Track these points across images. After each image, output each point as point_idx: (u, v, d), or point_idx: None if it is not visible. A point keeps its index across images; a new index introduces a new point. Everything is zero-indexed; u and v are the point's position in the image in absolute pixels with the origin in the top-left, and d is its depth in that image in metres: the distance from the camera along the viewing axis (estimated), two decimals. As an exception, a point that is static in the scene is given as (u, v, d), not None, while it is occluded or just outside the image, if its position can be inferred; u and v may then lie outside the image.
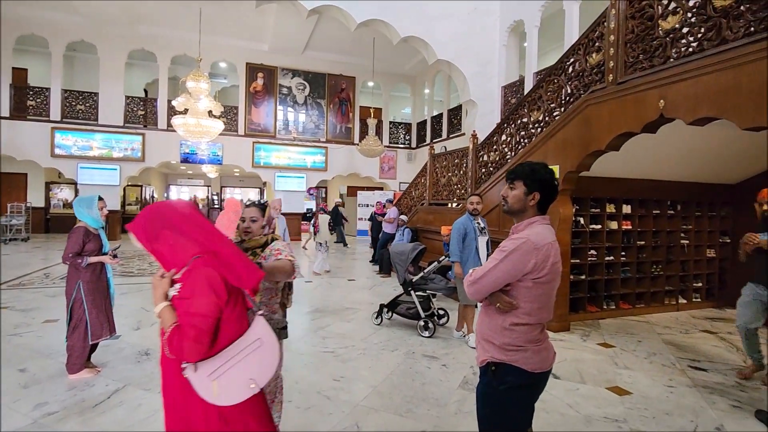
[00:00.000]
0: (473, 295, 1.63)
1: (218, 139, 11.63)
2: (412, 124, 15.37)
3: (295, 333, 4.40)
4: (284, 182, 13.47)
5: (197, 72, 8.91)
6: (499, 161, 5.89)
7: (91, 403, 2.83)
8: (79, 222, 3.23)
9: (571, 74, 4.72)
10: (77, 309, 3.15)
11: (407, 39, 8.62)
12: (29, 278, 6.68)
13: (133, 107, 12.18)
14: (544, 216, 1.64)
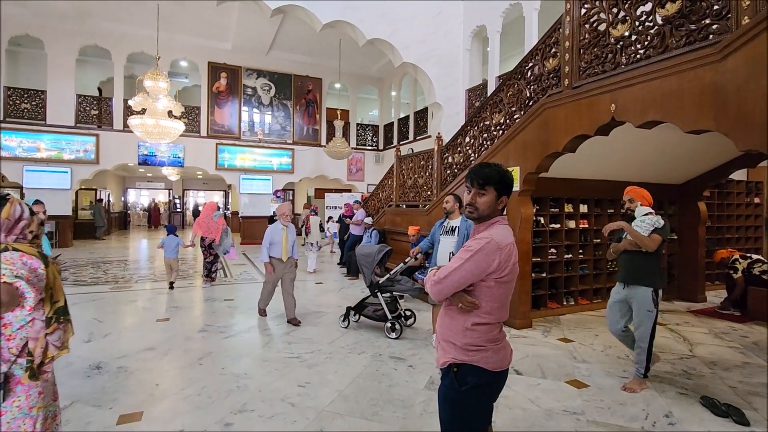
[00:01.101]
0: (436, 295, 1.63)
1: (179, 141, 11.23)
2: (380, 126, 15.42)
3: (259, 339, 4.30)
4: (249, 185, 13.19)
5: (155, 70, 8.57)
6: (464, 163, 5.99)
7: (35, 423, 2.64)
8: None
9: (530, 78, 4.87)
10: None
11: (373, 41, 8.64)
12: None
13: (85, 106, 11.57)
14: (504, 216, 1.67)
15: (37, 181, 10.81)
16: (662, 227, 3.10)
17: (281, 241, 4.76)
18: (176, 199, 21.38)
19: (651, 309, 3.08)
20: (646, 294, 3.09)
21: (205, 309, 5.46)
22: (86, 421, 2.67)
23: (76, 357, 3.69)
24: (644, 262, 3.14)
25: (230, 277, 7.62)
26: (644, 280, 3.11)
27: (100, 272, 7.89)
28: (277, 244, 4.75)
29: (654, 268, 3.14)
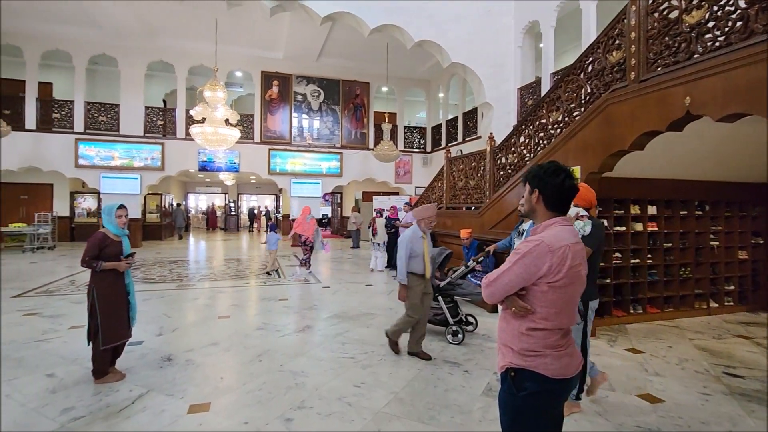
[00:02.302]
0: (487, 298, 1.61)
1: (235, 147, 11.80)
2: (427, 128, 15.34)
3: (314, 338, 4.38)
4: (300, 188, 13.57)
5: (214, 81, 9.06)
6: (518, 163, 5.81)
7: (115, 409, 2.86)
8: (102, 228, 3.28)
9: (591, 73, 4.63)
10: (93, 315, 3.19)
11: (420, 43, 8.62)
12: (56, 285, 6.85)
13: (152, 117, 12.47)
14: (564, 217, 1.60)
15: (112, 187, 11.78)
16: (590, 235, 2.67)
17: (422, 253, 3.76)
18: (231, 203, 22.47)
19: (579, 321, 2.78)
20: None
21: (262, 308, 5.67)
22: (161, 408, 2.86)
23: (149, 349, 3.97)
24: None
25: (283, 278, 7.87)
26: None
27: (167, 271, 8.44)
28: (418, 256, 3.75)
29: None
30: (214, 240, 16.12)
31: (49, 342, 4.16)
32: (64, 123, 11.71)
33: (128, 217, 3.42)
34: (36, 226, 11.52)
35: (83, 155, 11.58)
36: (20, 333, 4.41)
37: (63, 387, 3.18)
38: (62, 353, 3.86)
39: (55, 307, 5.51)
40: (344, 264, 9.75)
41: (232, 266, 9.20)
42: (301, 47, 12.37)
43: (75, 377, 3.34)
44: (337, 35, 11.50)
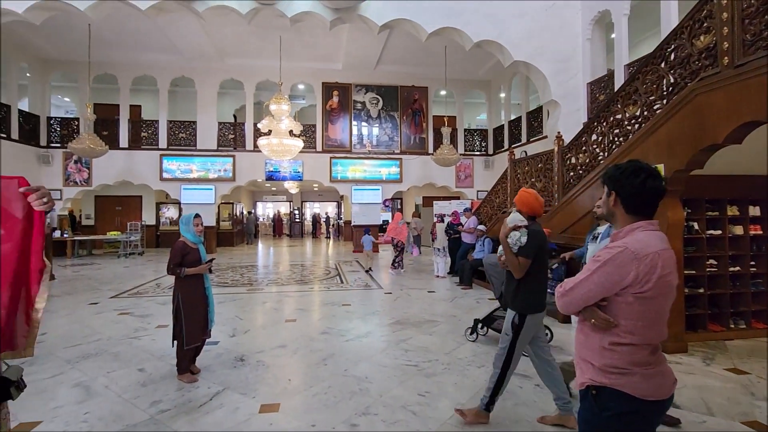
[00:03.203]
0: (562, 308, 1.49)
1: (299, 157, 12.30)
2: (489, 130, 14.94)
3: (376, 344, 4.39)
4: (360, 195, 13.81)
5: (279, 95, 9.53)
6: (590, 163, 5.42)
7: (196, 404, 3.05)
8: (181, 237, 3.52)
9: (674, 62, 4.21)
10: (178, 317, 3.42)
11: (480, 43, 8.42)
12: (144, 288, 7.54)
13: (224, 132, 13.41)
14: (651, 221, 1.43)
15: (191, 198, 12.82)
16: (526, 245, 2.56)
17: None
18: (296, 210, 23.46)
19: (508, 332, 2.69)
20: (509, 317, 2.71)
21: (326, 312, 5.80)
22: (235, 406, 3.00)
23: (225, 349, 4.21)
24: (511, 282, 2.72)
25: (346, 283, 8.01)
26: (512, 303, 2.71)
27: (238, 275, 8.97)
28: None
29: (520, 290, 2.65)
30: (280, 246, 16.90)
31: (140, 339, 4.56)
32: (151, 140, 12.98)
33: (203, 225, 3.66)
34: (128, 234, 12.85)
35: (166, 169, 12.75)
36: (116, 330, 4.90)
37: (151, 381, 3.46)
38: (151, 350, 4.21)
39: (144, 307, 6.06)
40: (405, 270, 9.73)
41: (297, 271, 9.56)
42: (359, 57, 12.65)
43: (161, 372, 3.63)
44: (394, 42, 11.61)
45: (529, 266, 2.59)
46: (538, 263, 2.63)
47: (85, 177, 12.39)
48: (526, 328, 2.66)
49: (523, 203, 2.71)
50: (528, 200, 2.70)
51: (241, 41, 11.61)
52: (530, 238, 2.58)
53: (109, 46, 11.53)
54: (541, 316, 2.71)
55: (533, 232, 2.61)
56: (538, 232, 2.63)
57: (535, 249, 2.58)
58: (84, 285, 7.86)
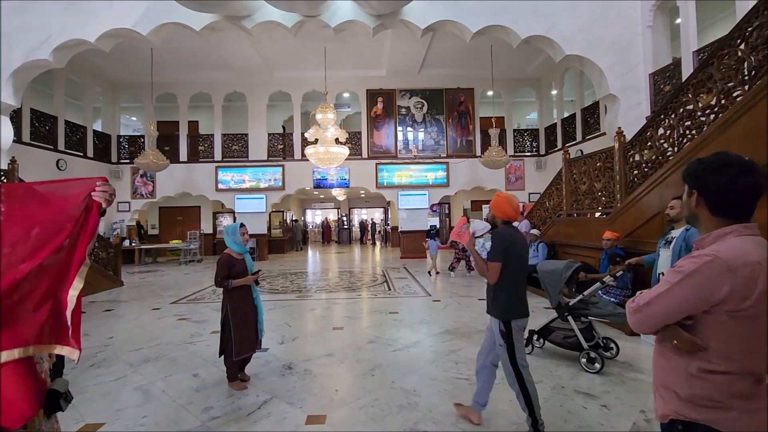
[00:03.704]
0: (636, 326, 1.28)
1: (345, 164, 12.43)
2: (540, 130, 14.30)
3: (425, 355, 4.23)
4: (407, 200, 13.70)
5: (324, 105, 9.69)
6: (657, 160, 4.95)
7: (245, 412, 3.06)
8: (226, 249, 3.54)
9: (756, 42, 3.73)
10: (226, 329, 3.44)
11: (528, 40, 8.07)
12: (201, 294, 7.89)
13: (274, 143, 13.88)
14: (747, 225, 1.19)
15: (244, 207, 13.36)
16: (491, 250, 2.54)
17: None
18: (344, 217, 23.79)
19: (501, 343, 2.61)
20: (495, 326, 2.64)
21: (373, 320, 5.72)
22: (282, 416, 2.98)
23: (273, 356, 4.24)
24: (490, 288, 2.66)
25: (393, 291, 7.91)
26: (493, 310, 2.65)
27: (288, 282, 9.16)
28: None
29: (497, 295, 2.60)
30: (329, 252, 17.17)
31: (195, 344, 4.72)
32: (207, 154, 13.72)
33: (248, 233, 3.69)
34: (188, 243, 13.62)
35: (221, 180, 13.39)
36: (174, 335, 5.11)
37: (204, 387, 3.53)
38: (205, 355, 4.33)
39: (201, 313, 6.31)
40: (455, 277, 9.46)
41: (344, 278, 9.60)
42: (402, 62, 12.61)
43: (214, 379, 3.70)
44: (437, 45, 11.46)
45: (501, 270, 2.55)
46: (512, 266, 2.57)
47: (150, 190, 13.33)
48: (515, 333, 2.59)
49: (496, 208, 2.67)
50: (500, 205, 2.65)
51: (287, 54, 11.99)
52: (493, 242, 2.58)
53: (169, 67, 12.35)
54: (524, 322, 2.63)
55: (496, 234, 2.60)
56: (501, 234, 2.60)
57: (501, 251, 2.54)
58: (148, 291, 8.36)
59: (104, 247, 8.80)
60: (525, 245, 2.70)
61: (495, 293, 2.63)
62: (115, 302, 7.33)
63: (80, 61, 10.42)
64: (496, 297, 2.62)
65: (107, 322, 5.86)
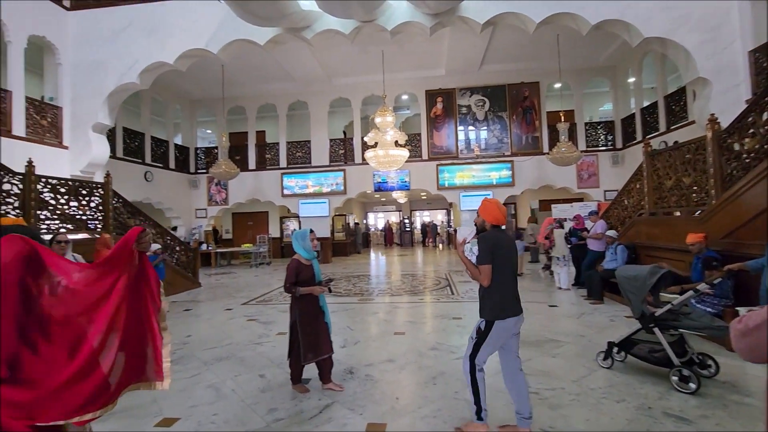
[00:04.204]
0: (745, 353, 1.04)
1: (405, 166, 12.40)
2: (615, 122, 13.18)
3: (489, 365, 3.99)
4: (470, 201, 13.29)
5: (383, 108, 9.72)
6: (762, 149, 4.26)
7: (307, 416, 3.08)
8: (294, 255, 3.55)
9: None
10: (294, 332, 3.46)
11: (600, 25, 7.45)
12: (269, 296, 8.24)
13: (335, 148, 14.23)
14: None
15: (308, 211, 13.83)
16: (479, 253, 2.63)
17: None
18: (406, 219, 23.77)
19: (473, 336, 2.74)
20: (477, 324, 2.75)
21: (436, 326, 5.57)
22: (343, 422, 2.96)
23: (335, 359, 4.20)
24: (480, 290, 2.71)
25: (457, 295, 7.68)
26: (482, 310, 2.71)
27: (350, 285, 9.28)
28: None
29: (486, 296, 2.67)
30: (391, 255, 17.21)
31: (263, 345, 4.90)
32: (273, 161, 14.43)
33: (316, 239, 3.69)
34: (258, 246, 14.39)
35: (286, 186, 14.00)
36: (243, 335, 5.35)
37: (270, 388, 3.63)
38: (271, 356, 4.47)
39: (269, 314, 6.57)
40: (522, 281, 8.99)
41: (407, 281, 9.52)
42: (462, 60, 12.31)
43: (279, 380, 3.79)
44: (498, 39, 11.02)
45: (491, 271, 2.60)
46: (500, 268, 2.62)
47: (223, 197, 14.31)
48: (493, 334, 2.64)
49: (486, 212, 2.74)
50: (490, 209, 2.72)
51: (346, 61, 12.24)
52: (480, 245, 2.64)
53: (238, 82, 13.17)
54: (510, 322, 2.65)
55: (482, 237, 2.66)
56: (486, 237, 2.66)
57: (488, 253, 2.60)
58: (222, 292, 8.92)
59: (184, 250, 9.54)
60: (512, 247, 2.77)
61: (484, 294, 2.68)
62: (194, 302, 7.89)
63: (162, 82, 11.44)
64: (485, 298, 2.67)
65: (186, 321, 6.31)
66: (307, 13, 7.63)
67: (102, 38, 8.57)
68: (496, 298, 2.63)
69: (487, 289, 2.64)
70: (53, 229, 6.31)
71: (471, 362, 2.72)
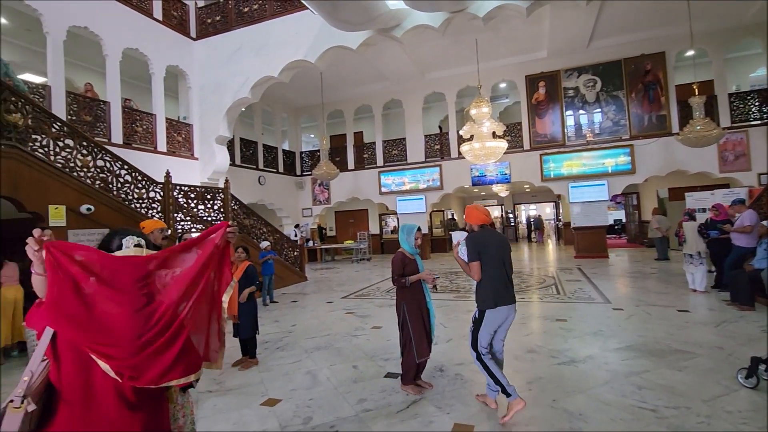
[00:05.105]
0: None
1: (504, 158, 11.78)
2: (772, 88, 10.75)
3: (599, 373, 3.55)
4: (580, 193, 12.09)
5: (479, 99, 9.34)
6: None
7: (394, 410, 3.09)
8: (399, 248, 3.52)
9: None
10: (405, 328, 3.39)
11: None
12: (367, 290, 8.53)
13: (430, 144, 14.14)
14: None
15: (405, 208, 13.99)
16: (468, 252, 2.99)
17: None
18: (509, 214, 22.62)
19: (471, 327, 3.06)
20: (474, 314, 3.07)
21: (535, 327, 5.17)
22: (429, 419, 2.91)
23: (424, 357, 4.21)
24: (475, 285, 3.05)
25: (563, 294, 7.03)
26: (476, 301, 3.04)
27: (447, 281, 9.13)
28: None
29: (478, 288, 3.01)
30: (491, 251, 16.52)
31: (358, 338, 5.07)
32: (371, 160, 14.91)
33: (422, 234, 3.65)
34: (358, 243, 15.03)
35: (384, 184, 14.34)
36: (341, 327, 5.61)
37: (362, 379, 3.74)
38: (365, 349, 4.61)
39: (365, 308, 6.79)
40: (645, 280, 7.87)
41: (506, 278, 9.01)
42: (566, 38, 11.20)
43: (370, 372, 3.89)
44: (609, 11, 9.78)
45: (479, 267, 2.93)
46: (488, 262, 2.93)
47: (326, 197, 15.26)
48: (486, 321, 2.94)
49: (469, 217, 3.09)
50: (470, 214, 3.09)
51: (438, 55, 12.05)
52: (467, 244, 2.99)
53: (335, 87, 13.88)
54: (502, 311, 2.93)
55: (467, 238, 3.02)
56: (471, 237, 3.01)
57: (475, 251, 2.94)
58: (325, 286, 9.50)
59: (292, 247, 10.40)
60: (500, 242, 3.03)
61: (477, 287, 3.01)
62: (300, 294, 8.54)
63: (270, 94, 12.59)
64: (478, 290, 3.00)
65: (292, 312, 6.85)
66: (396, 12, 7.68)
67: (220, 61, 9.79)
68: (487, 289, 2.94)
69: (479, 282, 2.98)
70: (186, 229, 7.40)
71: (474, 350, 3.00)
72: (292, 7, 9.09)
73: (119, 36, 8.38)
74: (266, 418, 3.10)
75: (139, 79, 10.38)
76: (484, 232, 3.03)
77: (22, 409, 1.17)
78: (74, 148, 5.77)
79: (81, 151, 5.86)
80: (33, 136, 5.31)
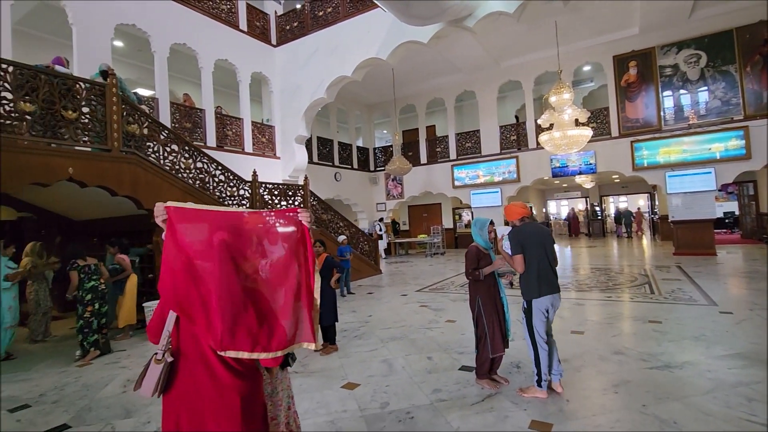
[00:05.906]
0: None
1: (589, 147, 10.97)
2: None
3: (696, 381, 3.22)
4: (680, 182, 10.82)
5: (559, 84, 8.83)
6: None
7: (469, 401, 3.13)
8: (473, 242, 3.51)
9: None
10: (479, 323, 3.40)
11: None
12: (441, 284, 8.52)
13: (506, 134, 13.60)
14: None
15: (479, 201, 13.61)
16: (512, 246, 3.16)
17: None
18: (595, 206, 21.00)
19: (521, 319, 3.28)
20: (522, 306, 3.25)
21: (624, 328, 4.81)
22: (505, 414, 2.91)
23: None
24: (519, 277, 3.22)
25: (657, 294, 6.42)
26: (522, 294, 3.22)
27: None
28: None
29: (522, 280, 3.18)
30: (577, 247, 15.50)
31: (432, 330, 5.14)
32: (443, 154, 14.76)
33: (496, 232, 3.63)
34: (432, 237, 15.02)
35: (457, 177, 14.12)
36: (415, 320, 5.71)
37: (436, 370, 3.81)
38: (439, 341, 4.66)
39: (439, 302, 6.82)
40: (762, 282, 6.88)
41: (594, 276, 8.42)
42: (662, 10, 10.04)
43: (445, 364, 3.95)
44: (718, -28, 8.61)
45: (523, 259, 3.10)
46: (532, 254, 3.10)
47: (399, 191, 15.44)
48: (535, 311, 3.13)
49: (509, 214, 3.32)
50: (509, 211, 3.32)
51: (513, 41, 11.52)
52: (510, 239, 3.16)
53: (407, 82, 13.90)
54: (546, 299, 3.11)
55: (510, 232, 3.19)
56: (514, 231, 3.19)
57: (518, 244, 3.12)
58: (399, 279, 9.68)
59: (367, 241, 10.73)
60: (542, 233, 3.18)
61: (521, 279, 3.17)
62: (375, 287, 8.81)
63: (344, 93, 13.02)
64: (523, 281, 3.16)
65: (368, 303, 7.11)
66: (468, 2, 7.52)
67: (298, 65, 10.39)
68: (531, 280, 3.10)
69: (522, 274, 3.14)
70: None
71: (531, 337, 3.17)
72: (364, 6, 9.34)
73: (212, 48, 9.30)
74: (346, 400, 3.30)
75: (227, 86, 11.39)
76: (525, 225, 3.22)
77: (163, 361, 1.52)
78: (179, 153, 6.54)
79: (184, 155, 6.62)
80: (147, 143, 6.12)
